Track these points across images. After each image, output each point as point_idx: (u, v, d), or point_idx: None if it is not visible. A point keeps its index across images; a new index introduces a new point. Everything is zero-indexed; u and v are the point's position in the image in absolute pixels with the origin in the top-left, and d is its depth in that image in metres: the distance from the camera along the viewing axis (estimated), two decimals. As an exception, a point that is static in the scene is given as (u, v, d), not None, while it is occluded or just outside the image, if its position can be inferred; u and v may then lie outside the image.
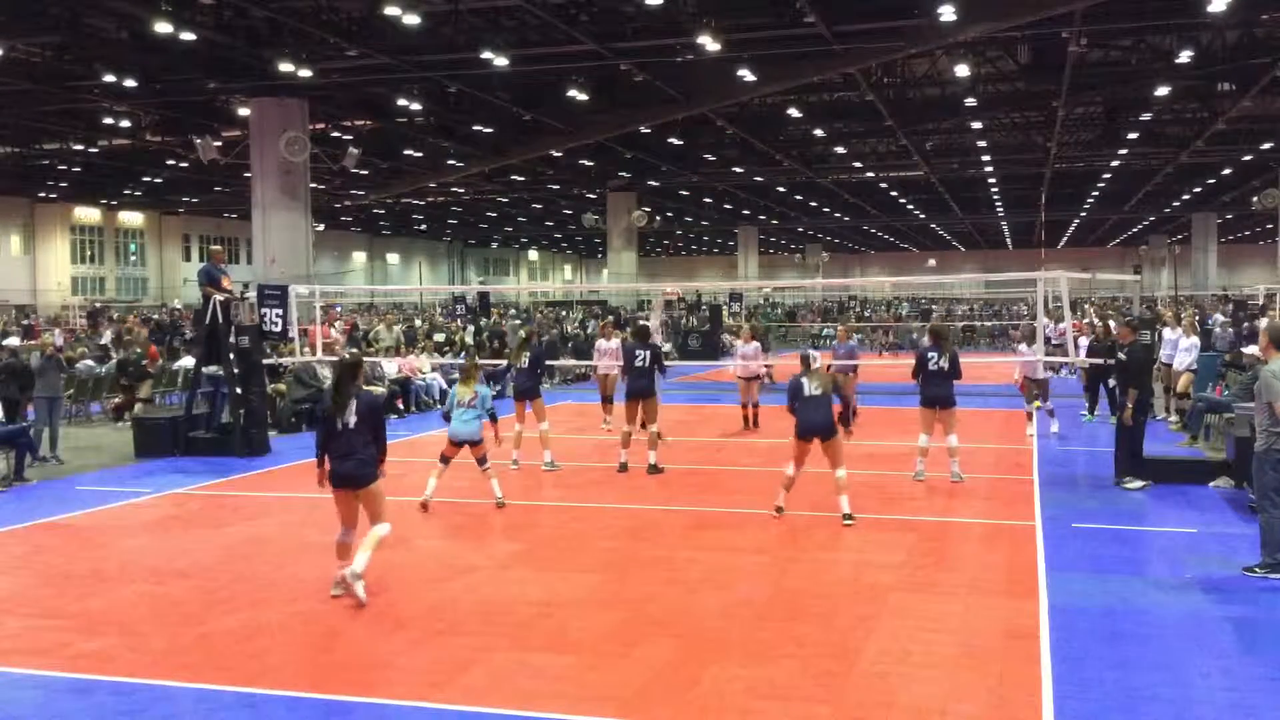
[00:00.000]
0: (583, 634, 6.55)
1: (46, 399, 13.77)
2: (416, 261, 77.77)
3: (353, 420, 7.21)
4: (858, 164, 40.71)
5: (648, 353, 12.50)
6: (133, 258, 56.77)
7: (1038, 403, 18.45)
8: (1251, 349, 12.93)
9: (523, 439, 12.86)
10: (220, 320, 14.17)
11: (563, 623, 6.78)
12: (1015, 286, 49.75)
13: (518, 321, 31.87)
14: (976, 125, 32.16)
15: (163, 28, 19.17)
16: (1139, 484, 10.92)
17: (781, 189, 49.41)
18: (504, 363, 22.40)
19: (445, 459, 10.43)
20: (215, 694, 5.64)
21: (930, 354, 11.55)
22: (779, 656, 6.10)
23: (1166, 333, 16.70)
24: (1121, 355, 11.09)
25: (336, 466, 7.24)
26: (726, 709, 5.38)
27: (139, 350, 19.90)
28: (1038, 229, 62.19)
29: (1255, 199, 39.35)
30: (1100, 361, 15.26)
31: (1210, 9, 18.51)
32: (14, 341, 17.78)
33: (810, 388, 9.62)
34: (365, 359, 19.10)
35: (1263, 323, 18.96)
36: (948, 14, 18.28)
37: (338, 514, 7.47)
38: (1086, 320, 21.13)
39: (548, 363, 17.13)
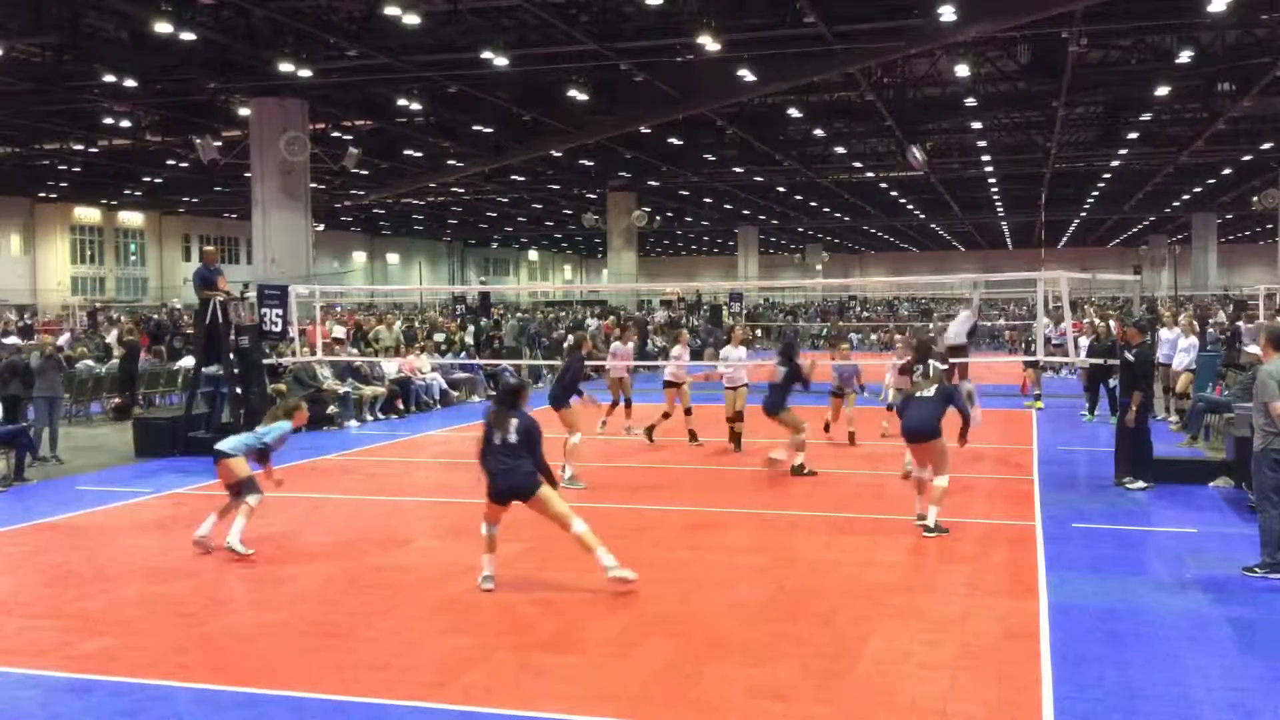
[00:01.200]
0: (583, 634, 6.55)
1: (46, 399, 13.77)
2: (416, 261, 77.78)
3: (513, 437, 7.41)
4: (858, 164, 40.72)
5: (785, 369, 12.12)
6: (133, 258, 56.77)
7: (1039, 403, 18.48)
8: (1252, 349, 12.92)
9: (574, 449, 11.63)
10: (220, 320, 14.17)
11: (563, 623, 6.78)
12: (1015, 287, 49.75)
13: (517, 323, 31.89)
14: (976, 125, 32.17)
15: (163, 28, 19.17)
16: (1141, 485, 10.90)
17: (781, 189, 49.41)
18: (504, 362, 22.46)
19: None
20: (215, 694, 5.63)
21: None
22: (779, 656, 6.09)
23: (1164, 333, 16.67)
24: (1129, 356, 11.07)
25: (496, 482, 7.43)
26: (726, 709, 5.38)
27: None
28: (1038, 229, 62.18)
29: (1255, 199, 39.38)
30: (1100, 361, 15.26)
31: (1210, 9, 18.50)
32: (15, 341, 17.79)
33: (923, 389, 9.54)
34: (365, 359, 19.20)
35: (1243, 325, 19.04)
36: (948, 14, 18.29)
37: (486, 515, 7.58)
38: (1086, 320, 21.14)
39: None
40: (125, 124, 30.27)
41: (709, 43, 19.83)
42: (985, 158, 39.05)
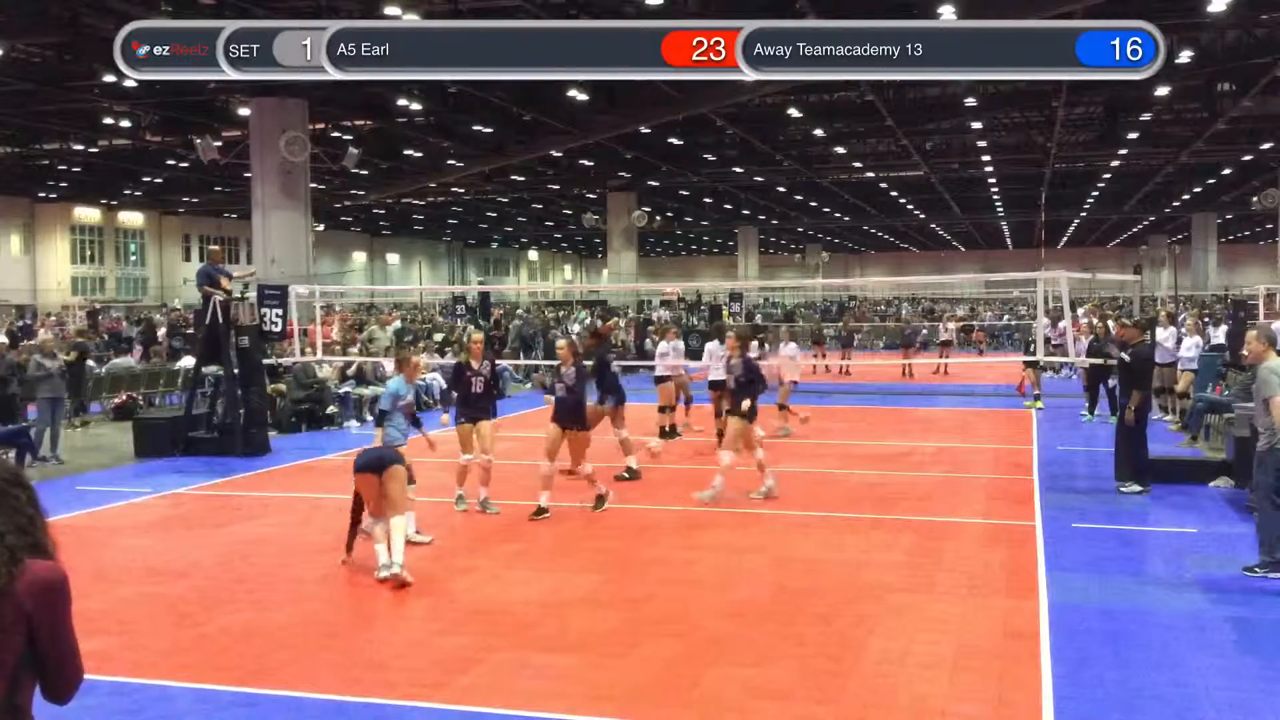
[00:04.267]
0: (583, 634, 6.55)
1: (48, 399, 13.77)
2: (416, 261, 77.76)
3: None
4: (858, 164, 40.70)
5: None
6: (133, 258, 56.77)
7: (1039, 403, 18.46)
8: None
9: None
10: (220, 320, 14.17)
11: (563, 623, 6.77)
12: (1015, 286, 49.80)
13: (519, 323, 31.88)
14: (976, 125, 32.16)
15: (163, 28, 19.17)
16: (1137, 488, 10.83)
17: (781, 189, 49.40)
18: (504, 362, 22.47)
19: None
20: (215, 694, 5.63)
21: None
22: (779, 656, 6.09)
23: (1159, 332, 16.49)
24: (1125, 356, 11.06)
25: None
26: (726, 709, 5.37)
27: None
28: (1038, 229, 62.13)
29: (1255, 199, 39.34)
30: (1100, 361, 15.25)
31: (1210, 9, 18.52)
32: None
33: None
34: (366, 359, 19.18)
35: (1210, 329, 18.94)
36: (948, 14, 18.28)
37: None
38: (1085, 320, 21.09)
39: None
40: (125, 124, 30.26)
41: (709, 43, 19.80)
42: (985, 158, 39.04)
